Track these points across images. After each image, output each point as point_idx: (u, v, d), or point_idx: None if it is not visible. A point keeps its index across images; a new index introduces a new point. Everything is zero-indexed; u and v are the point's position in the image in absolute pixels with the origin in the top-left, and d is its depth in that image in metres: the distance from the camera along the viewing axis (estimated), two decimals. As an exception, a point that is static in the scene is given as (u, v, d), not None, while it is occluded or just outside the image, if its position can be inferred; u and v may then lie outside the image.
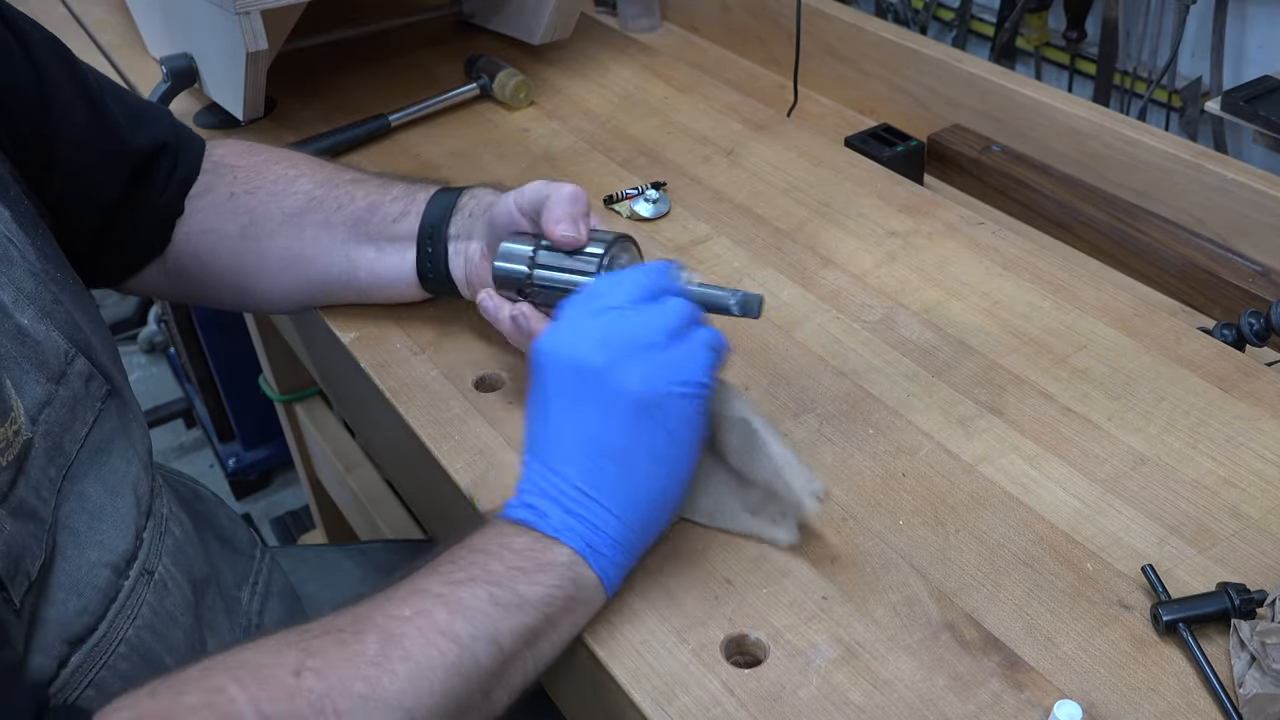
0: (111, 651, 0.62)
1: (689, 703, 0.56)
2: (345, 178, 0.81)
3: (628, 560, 0.59)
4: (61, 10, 1.42)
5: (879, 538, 0.63)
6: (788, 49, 1.25)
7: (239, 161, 0.82)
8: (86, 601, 0.61)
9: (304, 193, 0.80)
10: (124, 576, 0.63)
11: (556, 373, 0.59)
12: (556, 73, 1.17)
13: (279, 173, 0.81)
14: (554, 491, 0.58)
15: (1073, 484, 0.66)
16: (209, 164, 0.82)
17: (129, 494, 0.65)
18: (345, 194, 0.79)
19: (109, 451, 0.64)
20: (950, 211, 0.91)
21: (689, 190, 0.96)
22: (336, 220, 0.79)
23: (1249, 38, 1.14)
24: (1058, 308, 0.80)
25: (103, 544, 0.62)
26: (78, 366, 0.62)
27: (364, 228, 0.79)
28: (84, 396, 0.63)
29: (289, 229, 0.80)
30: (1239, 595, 0.56)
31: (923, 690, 0.55)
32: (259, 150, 0.84)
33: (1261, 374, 0.73)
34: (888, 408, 0.72)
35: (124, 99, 0.79)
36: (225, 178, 0.82)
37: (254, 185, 0.81)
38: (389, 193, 0.79)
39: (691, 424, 0.58)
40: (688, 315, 0.60)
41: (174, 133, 0.81)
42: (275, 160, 0.83)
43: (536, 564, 0.56)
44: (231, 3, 0.90)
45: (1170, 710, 0.54)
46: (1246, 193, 0.93)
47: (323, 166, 0.83)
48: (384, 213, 0.78)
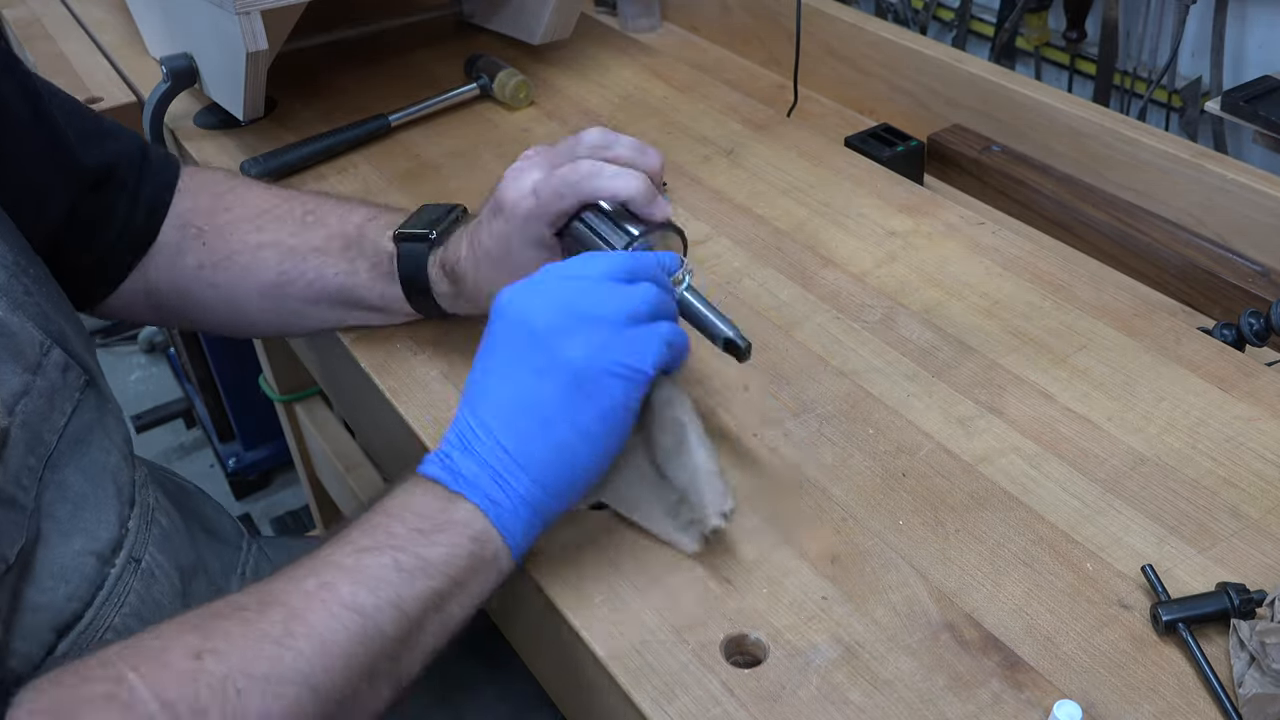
0: (98, 639, 0.63)
1: (689, 703, 0.56)
2: (312, 244, 0.78)
3: (535, 520, 0.59)
4: (61, 10, 1.42)
5: (879, 538, 0.63)
6: (788, 49, 1.25)
7: (204, 223, 0.80)
8: (74, 588, 0.61)
9: (273, 267, 0.79)
10: (110, 565, 0.64)
11: (506, 326, 0.59)
12: (556, 73, 1.17)
13: (244, 241, 0.79)
14: (473, 442, 0.58)
15: (1073, 484, 0.66)
16: (176, 218, 0.81)
17: (110, 483, 0.66)
18: (314, 268, 0.78)
19: (88, 441, 0.65)
20: (950, 211, 0.91)
21: (689, 190, 0.96)
22: (315, 292, 0.79)
23: (1249, 38, 1.14)
24: (1058, 308, 0.80)
25: (87, 531, 0.63)
26: (54, 357, 0.63)
27: (348, 296, 0.78)
28: (61, 386, 0.63)
29: (270, 301, 0.80)
30: (1239, 595, 0.56)
31: (923, 690, 0.55)
32: (223, 204, 0.81)
33: (1261, 374, 0.73)
34: (888, 408, 0.72)
35: (82, 116, 0.78)
36: (193, 244, 0.80)
37: (221, 256, 0.79)
38: (354, 263, 0.77)
39: (623, 408, 0.58)
40: (654, 304, 0.60)
41: (139, 155, 0.80)
42: (239, 221, 0.80)
43: (435, 524, 0.57)
44: (231, 3, 0.90)
45: (1170, 710, 0.54)
46: (1246, 193, 0.93)
47: (283, 223, 0.80)
48: (364, 287, 0.77)
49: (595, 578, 0.62)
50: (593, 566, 0.63)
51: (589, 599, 0.61)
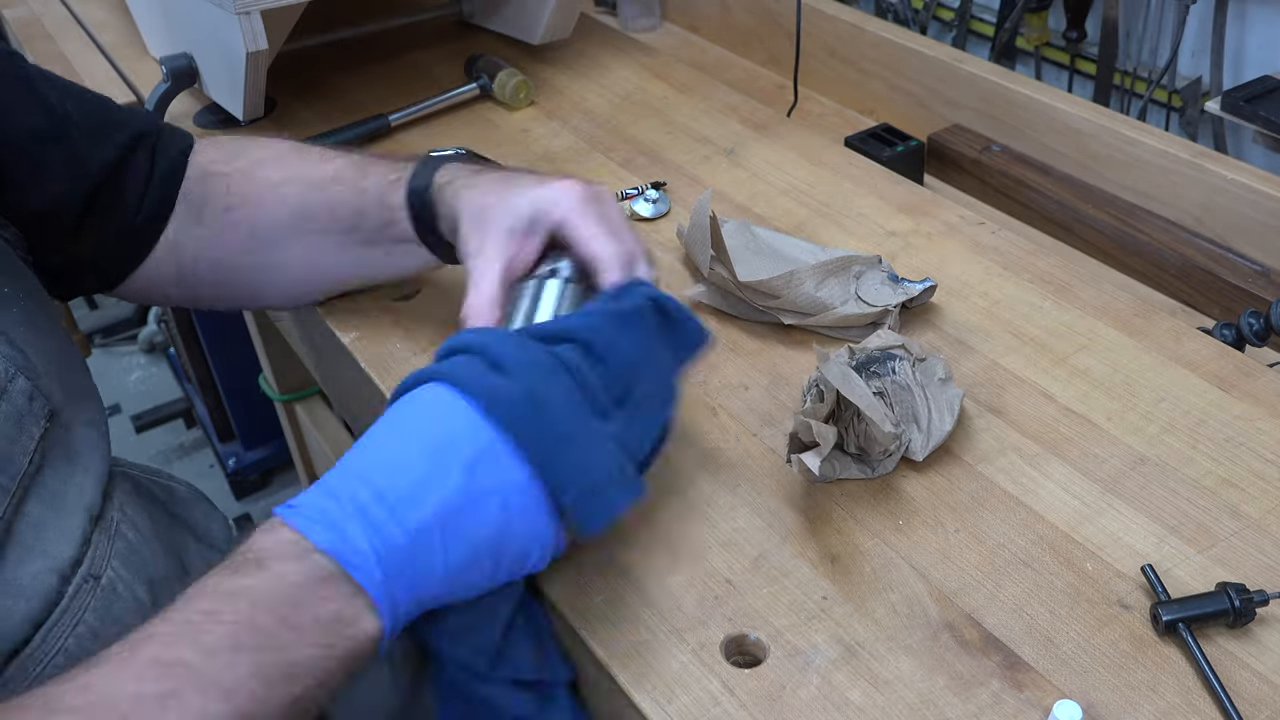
0: (47, 663, 0.60)
1: (689, 703, 0.56)
2: (327, 174, 0.78)
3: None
4: (61, 10, 1.42)
5: (879, 538, 0.64)
6: (788, 49, 1.25)
7: (227, 168, 0.81)
8: (31, 608, 0.59)
9: (294, 201, 0.78)
10: (68, 583, 0.62)
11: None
12: (556, 73, 1.17)
13: (267, 179, 0.80)
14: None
15: (1073, 484, 0.66)
16: (197, 172, 0.81)
17: (77, 508, 0.64)
18: (334, 197, 0.78)
19: (53, 469, 0.63)
20: (950, 211, 0.91)
21: (689, 190, 0.96)
22: (333, 229, 0.78)
23: (1249, 38, 1.14)
24: (1058, 308, 0.80)
25: (48, 552, 0.61)
26: (18, 385, 0.61)
27: (360, 234, 0.77)
28: (27, 413, 0.61)
29: (291, 240, 0.79)
30: (1239, 595, 0.56)
31: (923, 690, 0.55)
32: (242, 149, 0.82)
33: (1261, 374, 0.73)
34: (888, 408, 0.72)
35: (93, 106, 0.78)
36: (218, 189, 0.80)
37: (246, 194, 0.79)
38: (365, 193, 0.76)
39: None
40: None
41: (153, 135, 0.80)
42: (260, 164, 0.80)
43: (309, 598, 0.49)
44: (231, 3, 0.90)
45: (1170, 710, 0.54)
46: (1246, 193, 0.93)
47: (303, 160, 0.80)
48: (373, 219, 0.76)
49: (595, 577, 0.62)
50: (593, 566, 0.63)
51: (589, 599, 0.61)
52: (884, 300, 0.76)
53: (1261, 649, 0.56)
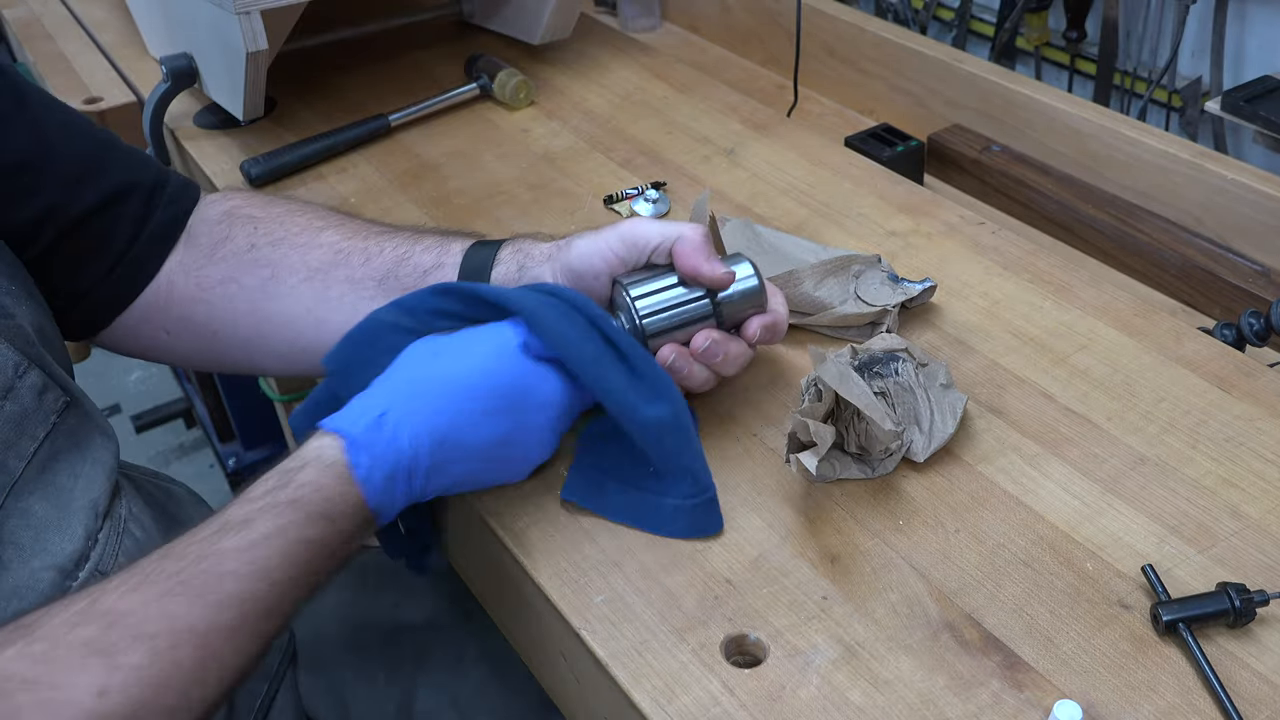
0: None
1: (689, 703, 0.56)
2: (374, 230, 0.77)
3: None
4: (61, 10, 1.42)
5: (879, 538, 0.63)
6: (788, 49, 1.25)
7: (259, 212, 0.78)
8: (28, 605, 0.59)
9: (330, 245, 0.76)
10: (72, 578, 0.62)
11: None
12: (556, 73, 1.17)
13: (303, 224, 0.77)
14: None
15: (1073, 484, 0.66)
16: (217, 214, 0.78)
17: (83, 505, 0.63)
18: (374, 245, 0.75)
19: (58, 467, 0.62)
20: (950, 211, 0.91)
21: (689, 190, 0.96)
22: (364, 275, 0.75)
23: (1249, 38, 1.14)
24: (1058, 308, 0.80)
25: (48, 551, 0.61)
26: (30, 380, 0.61)
27: (394, 282, 0.74)
28: (35, 410, 0.61)
29: (314, 285, 0.75)
30: (1239, 595, 0.56)
31: (923, 690, 0.55)
32: (280, 202, 0.80)
33: (1261, 374, 0.73)
34: (888, 408, 0.72)
35: (91, 139, 0.75)
36: (244, 227, 0.77)
37: (277, 237, 0.77)
38: (420, 243, 0.75)
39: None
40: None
41: (152, 182, 0.77)
42: (298, 212, 0.78)
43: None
44: (231, 3, 0.90)
45: (1170, 710, 0.54)
46: (1246, 193, 0.93)
47: (350, 219, 0.78)
48: (415, 263, 0.74)
49: (595, 578, 0.62)
50: (593, 566, 0.63)
51: (589, 599, 0.61)
52: (883, 300, 0.76)
53: (1261, 649, 0.56)
